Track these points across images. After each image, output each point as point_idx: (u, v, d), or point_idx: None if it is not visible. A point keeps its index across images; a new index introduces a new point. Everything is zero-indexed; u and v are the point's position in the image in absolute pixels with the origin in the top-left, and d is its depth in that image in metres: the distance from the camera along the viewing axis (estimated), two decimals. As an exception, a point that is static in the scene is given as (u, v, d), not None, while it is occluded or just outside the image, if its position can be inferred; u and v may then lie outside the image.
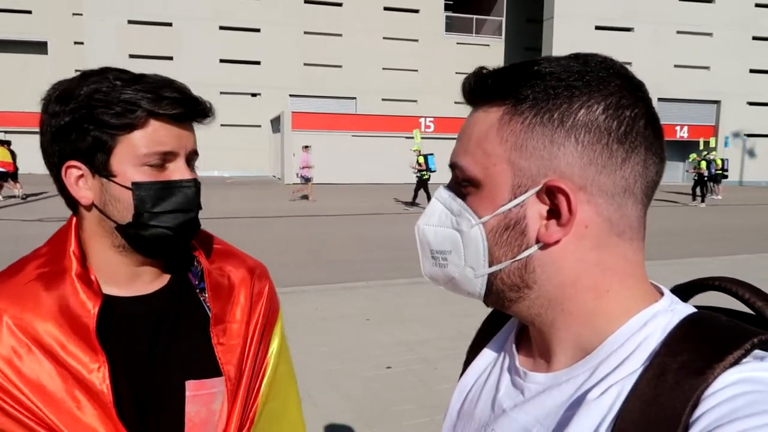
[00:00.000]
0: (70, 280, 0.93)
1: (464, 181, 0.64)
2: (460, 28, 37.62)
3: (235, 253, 1.15)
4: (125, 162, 0.91)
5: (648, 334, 0.57)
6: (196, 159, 1.00)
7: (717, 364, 0.50)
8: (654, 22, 31.94)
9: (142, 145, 0.90)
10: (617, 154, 0.57)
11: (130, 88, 0.89)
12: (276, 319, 1.16)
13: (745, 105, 33.38)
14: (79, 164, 0.92)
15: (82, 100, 0.89)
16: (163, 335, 1.00)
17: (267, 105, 33.08)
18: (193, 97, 0.95)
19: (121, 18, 31.60)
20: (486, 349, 0.78)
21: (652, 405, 0.51)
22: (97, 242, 0.97)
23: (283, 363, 1.16)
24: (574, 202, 0.57)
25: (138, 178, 0.91)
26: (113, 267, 0.98)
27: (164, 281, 1.03)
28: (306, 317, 5.75)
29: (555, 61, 0.60)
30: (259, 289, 1.12)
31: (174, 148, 0.93)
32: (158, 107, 0.89)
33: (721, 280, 0.65)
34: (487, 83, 0.62)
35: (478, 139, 0.62)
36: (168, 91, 0.91)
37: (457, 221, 0.64)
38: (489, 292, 0.64)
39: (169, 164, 0.94)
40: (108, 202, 0.93)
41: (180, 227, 0.95)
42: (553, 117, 0.58)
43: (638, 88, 0.60)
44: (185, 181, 0.95)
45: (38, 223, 12.13)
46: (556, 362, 0.64)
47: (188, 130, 0.96)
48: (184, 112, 0.93)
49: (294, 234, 11.80)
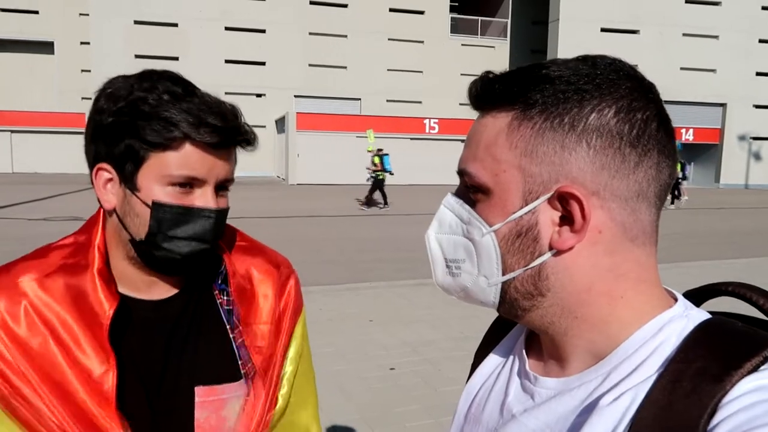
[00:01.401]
0: (91, 276, 0.92)
1: (473, 188, 0.62)
2: (465, 30, 37.60)
3: (260, 249, 1.13)
4: (152, 178, 0.89)
5: (662, 340, 0.56)
6: (230, 185, 0.98)
7: (735, 371, 0.49)
8: (660, 25, 31.85)
9: (171, 166, 0.88)
10: (630, 158, 0.56)
11: (175, 106, 0.87)
12: (299, 316, 1.15)
13: (751, 108, 33.24)
14: (110, 168, 0.91)
15: (127, 105, 0.87)
16: (177, 340, 0.99)
17: (272, 105, 33.11)
18: (235, 126, 0.92)
19: (128, 18, 31.70)
20: (494, 353, 0.77)
21: (667, 412, 0.50)
22: (115, 247, 0.97)
23: (304, 360, 1.14)
24: (588, 208, 0.56)
25: (160, 197, 0.89)
26: (129, 273, 0.98)
27: (181, 286, 1.02)
28: (310, 318, 5.72)
29: (563, 64, 0.59)
30: (284, 286, 1.11)
31: (203, 176, 0.91)
32: (197, 133, 0.87)
33: (734, 285, 0.64)
34: (495, 88, 0.61)
35: (487, 145, 0.61)
36: (211, 117, 0.88)
37: (468, 229, 0.63)
38: (503, 301, 0.63)
39: (197, 189, 0.92)
40: (127, 213, 0.92)
41: (191, 255, 0.93)
42: (563, 122, 0.57)
43: (649, 90, 0.59)
44: (207, 210, 0.92)
45: (43, 222, 12.17)
46: (567, 367, 0.63)
47: (224, 159, 0.93)
48: (220, 142, 0.90)
49: (298, 234, 11.81)
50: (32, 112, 32.52)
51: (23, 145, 32.82)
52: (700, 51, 32.52)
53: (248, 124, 0.96)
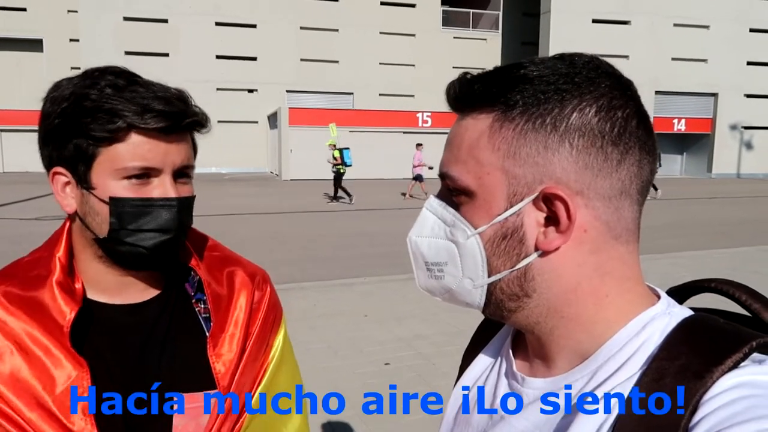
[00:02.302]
0: (50, 286, 0.91)
1: (456, 190, 0.62)
2: (456, 23, 37.54)
3: (235, 260, 1.11)
4: (105, 175, 0.87)
5: (646, 338, 0.57)
6: (190, 171, 0.95)
7: (716, 368, 0.50)
8: (651, 15, 31.87)
9: (122, 159, 0.86)
10: (612, 157, 0.57)
11: (117, 97, 0.85)
12: (279, 326, 1.13)
13: (742, 97, 33.36)
14: (65, 171, 0.90)
15: (70, 105, 0.86)
16: (153, 346, 0.97)
17: (264, 101, 33.00)
18: (182, 110, 0.89)
19: (117, 15, 31.47)
20: (482, 354, 0.76)
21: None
22: (83, 250, 0.95)
23: (284, 370, 1.12)
24: (573, 209, 0.56)
25: (117, 192, 0.87)
26: (101, 275, 0.96)
27: (158, 290, 1.01)
28: (303, 314, 5.74)
29: (541, 64, 0.59)
30: (259, 296, 1.08)
31: (157, 164, 0.88)
32: (141, 120, 0.85)
33: (717, 282, 0.63)
34: (474, 89, 0.61)
35: (469, 147, 0.61)
36: (157, 102, 0.86)
37: (452, 232, 0.62)
38: (488, 303, 0.63)
39: (153, 179, 0.89)
40: (88, 213, 0.90)
41: (156, 248, 0.90)
42: (545, 122, 0.57)
43: (627, 87, 0.59)
44: (166, 199, 0.89)
45: (35, 222, 12.10)
46: (554, 367, 0.63)
47: (177, 145, 0.91)
48: (168, 126, 0.87)
49: (291, 230, 11.79)
50: (22, 111, 32.20)
51: (13, 144, 32.57)
52: (692, 41, 32.59)
53: (198, 107, 0.94)
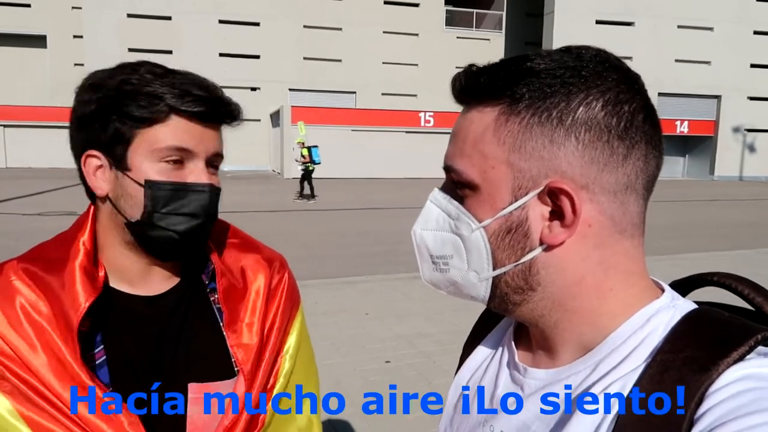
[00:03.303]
0: (71, 268, 0.91)
1: (461, 184, 0.62)
2: (460, 23, 37.49)
3: (254, 245, 1.13)
4: (142, 156, 0.90)
5: (650, 331, 0.57)
6: (219, 161, 0.98)
7: (721, 361, 0.50)
8: (654, 17, 31.80)
9: (161, 140, 0.89)
10: (618, 151, 0.56)
11: (158, 81, 0.88)
12: (296, 312, 1.15)
13: (745, 100, 33.27)
14: (99, 154, 0.92)
15: (110, 89, 0.88)
16: (170, 336, 0.99)
17: (266, 99, 32.97)
18: (220, 97, 0.93)
19: (121, 12, 31.48)
20: (483, 344, 0.77)
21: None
22: (110, 236, 0.96)
23: (302, 357, 1.13)
24: (578, 203, 0.56)
25: (152, 175, 0.90)
26: (125, 263, 0.97)
27: (176, 280, 1.02)
28: (305, 311, 5.74)
29: (548, 57, 0.58)
30: (277, 281, 1.10)
31: (193, 147, 0.91)
32: (181, 103, 0.88)
33: (720, 276, 0.64)
34: (480, 82, 0.60)
35: (474, 140, 0.60)
36: (196, 89, 0.90)
37: (456, 225, 0.63)
38: (493, 296, 0.63)
39: (188, 164, 0.92)
40: (121, 196, 0.92)
41: (188, 232, 0.93)
42: (551, 116, 0.56)
43: (635, 81, 0.59)
44: (200, 185, 0.93)
45: (38, 217, 12.12)
46: (557, 358, 0.63)
47: (213, 131, 0.94)
48: (207, 112, 0.91)
49: (293, 228, 11.79)
50: (25, 107, 32.29)
51: (16, 140, 32.59)
52: (695, 43, 32.50)
53: (232, 99, 0.97)
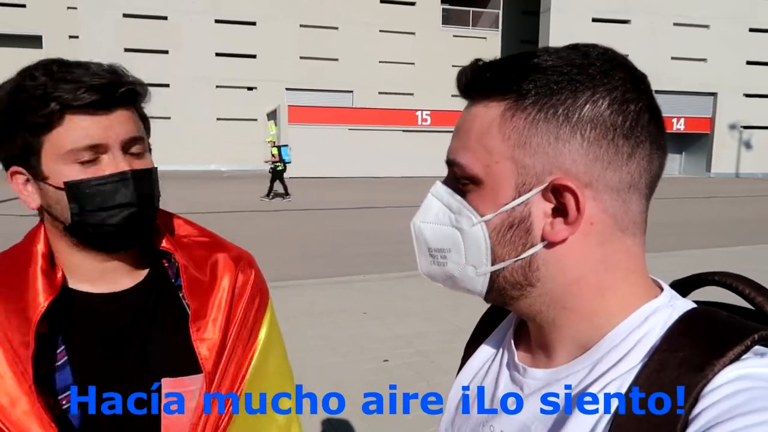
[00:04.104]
0: (33, 272, 0.90)
1: (464, 178, 0.61)
2: (456, 21, 37.55)
3: (220, 244, 1.10)
4: (55, 162, 0.86)
5: (648, 330, 0.57)
6: (140, 144, 0.93)
7: (717, 360, 0.50)
8: (651, 14, 31.88)
9: (65, 142, 0.85)
10: (623, 150, 0.56)
11: (50, 82, 0.84)
12: (264, 310, 1.12)
13: (741, 97, 33.39)
14: (20, 169, 0.89)
15: (8, 101, 0.85)
16: (137, 333, 0.97)
17: (263, 98, 32.99)
18: (114, 81, 0.87)
19: (117, 12, 31.44)
20: (484, 345, 0.77)
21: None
22: (58, 242, 0.95)
23: (274, 355, 1.11)
24: (582, 201, 0.55)
25: (70, 177, 0.86)
26: (80, 264, 0.95)
27: (140, 277, 1.00)
28: (303, 311, 5.75)
29: (555, 54, 0.58)
30: (243, 280, 1.07)
31: (101, 140, 0.86)
32: (73, 98, 0.83)
33: (720, 275, 0.64)
34: (486, 77, 0.60)
35: (478, 135, 0.60)
36: (88, 77, 0.84)
37: (457, 219, 0.62)
38: (490, 290, 0.63)
39: (103, 156, 0.88)
40: (50, 204, 0.90)
41: (123, 224, 0.90)
42: (557, 113, 0.56)
43: (641, 81, 0.59)
44: (119, 174, 0.88)
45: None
46: (555, 358, 0.63)
47: (121, 116, 0.89)
48: (103, 99, 0.85)
49: (290, 227, 11.79)
50: (21, 108, 32.19)
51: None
52: (691, 40, 32.59)
53: (133, 76, 0.92)
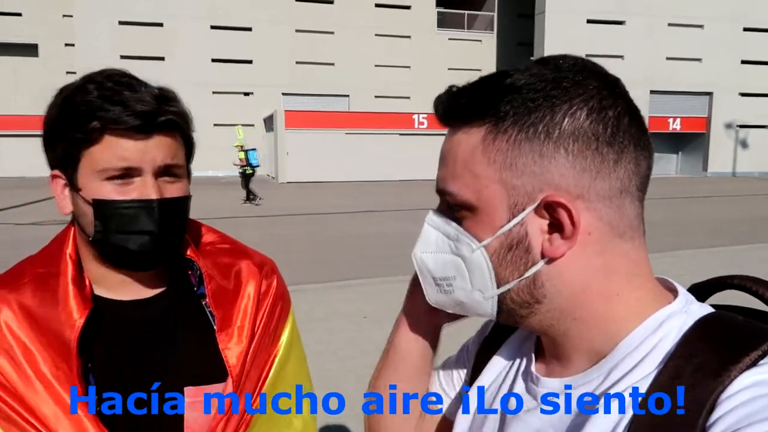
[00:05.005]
0: (65, 284, 0.91)
1: (457, 206, 0.62)
2: (451, 24, 37.57)
3: (243, 251, 1.12)
4: (89, 177, 0.88)
5: (662, 337, 0.56)
6: (176, 171, 0.93)
7: (733, 366, 0.49)
8: (646, 15, 31.95)
9: (100, 160, 0.86)
10: (609, 157, 0.56)
11: (97, 98, 0.85)
12: (286, 316, 1.14)
13: (737, 96, 33.45)
14: (60, 173, 0.91)
15: (59, 108, 0.87)
16: (161, 341, 0.98)
17: (260, 104, 32.97)
18: (155, 108, 0.87)
19: (113, 19, 31.42)
20: (499, 354, 0.77)
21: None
22: (85, 249, 0.96)
23: (293, 360, 1.13)
24: (576, 214, 0.56)
25: (101, 194, 0.88)
26: (104, 274, 0.96)
27: (164, 285, 1.01)
28: (302, 316, 5.72)
29: (527, 71, 0.58)
30: (266, 286, 1.09)
31: (135, 163, 0.87)
32: (116, 120, 0.84)
33: (740, 278, 0.64)
34: (462, 103, 0.61)
35: (464, 162, 0.60)
36: (133, 102, 0.85)
37: (456, 246, 0.63)
38: (500, 311, 0.63)
39: (135, 179, 0.89)
40: (79, 214, 0.91)
41: (142, 250, 0.90)
42: (538, 130, 0.56)
43: (615, 85, 0.59)
44: (145, 201, 0.88)
45: (33, 227, 12.07)
46: (570, 367, 0.63)
47: (158, 143, 0.89)
48: (142, 125, 0.86)
49: (288, 232, 11.77)
50: (17, 116, 32.05)
51: (10, 150, 32.38)
52: (686, 40, 32.66)
53: (179, 106, 0.92)
